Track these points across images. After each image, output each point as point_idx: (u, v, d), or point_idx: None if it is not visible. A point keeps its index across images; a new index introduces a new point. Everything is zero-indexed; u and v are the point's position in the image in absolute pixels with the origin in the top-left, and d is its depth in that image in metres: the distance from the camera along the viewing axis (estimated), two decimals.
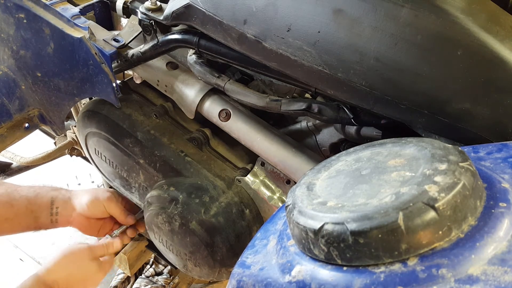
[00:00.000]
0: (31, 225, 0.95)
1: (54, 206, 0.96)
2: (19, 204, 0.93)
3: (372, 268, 0.35)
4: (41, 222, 0.95)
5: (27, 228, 0.96)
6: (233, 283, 0.46)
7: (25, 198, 0.94)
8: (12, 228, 0.94)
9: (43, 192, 0.96)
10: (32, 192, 0.95)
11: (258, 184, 0.88)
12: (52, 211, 0.96)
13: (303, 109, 0.73)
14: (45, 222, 0.96)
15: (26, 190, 0.95)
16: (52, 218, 0.96)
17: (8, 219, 0.92)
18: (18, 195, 0.94)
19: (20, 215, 0.93)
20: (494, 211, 0.36)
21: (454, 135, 0.58)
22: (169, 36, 0.83)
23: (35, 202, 0.94)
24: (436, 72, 0.55)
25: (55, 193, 0.98)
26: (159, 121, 0.97)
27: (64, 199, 0.97)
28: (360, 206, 0.37)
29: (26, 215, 0.93)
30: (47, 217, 0.95)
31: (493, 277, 0.32)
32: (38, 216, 0.95)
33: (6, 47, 0.96)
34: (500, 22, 0.55)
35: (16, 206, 0.92)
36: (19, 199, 0.93)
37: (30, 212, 0.94)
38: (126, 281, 1.64)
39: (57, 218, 0.96)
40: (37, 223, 0.95)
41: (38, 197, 0.95)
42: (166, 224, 0.91)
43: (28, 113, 1.04)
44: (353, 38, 0.58)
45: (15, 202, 0.92)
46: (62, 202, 0.97)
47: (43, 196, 0.96)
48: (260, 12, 0.65)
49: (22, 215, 0.93)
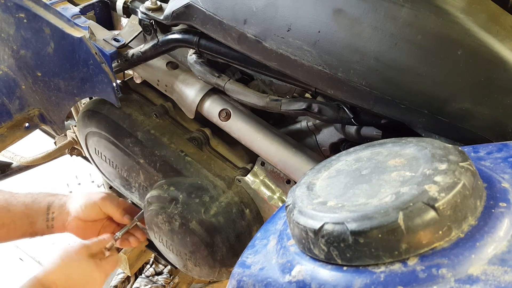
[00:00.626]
0: (27, 231, 0.95)
1: (50, 211, 0.96)
2: (16, 209, 0.93)
3: (372, 268, 0.35)
4: (37, 228, 0.96)
5: (23, 234, 0.96)
6: (233, 283, 0.46)
7: (22, 203, 0.94)
8: (8, 234, 0.94)
9: (40, 198, 0.97)
10: (29, 198, 0.96)
11: (258, 184, 0.88)
12: (48, 216, 0.96)
13: (303, 109, 0.73)
14: (41, 227, 0.96)
15: (24, 196, 0.96)
16: (48, 224, 0.96)
17: (5, 224, 0.92)
18: (15, 201, 0.94)
19: (17, 221, 0.93)
20: (494, 211, 0.36)
21: (454, 135, 0.58)
22: (169, 36, 0.83)
23: (31, 207, 0.95)
24: (436, 72, 0.55)
25: (52, 198, 0.98)
26: (159, 120, 0.97)
27: (60, 204, 0.98)
28: (360, 206, 0.37)
29: (22, 220, 0.94)
30: (43, 222, 0.96)
31: (493, 277, 0.32)
32: (34, 221, 0.95)
33: (6, 46, 0.96)
34: (500, 22, 0.55)
35: (13, 211, 0.93)
36: (16, 204, 0.94)
37: (26, 217, 0.94)
38: (126, 281, 1.65)
39: (53, 224, 0.96)
40: (33, 228, 0.95)
41: (35, 203, 0.96)
42: (166, 224, 0.91)
43: (28, 113, 1.04)
44: (353, 38, 0.58)
45: (12, 207, 0.93)
46: (58, 207, 0.97)
47: (40, 201, 0.96)
48: (260, 12, 0.65)
49: (19, 220, 0.93)
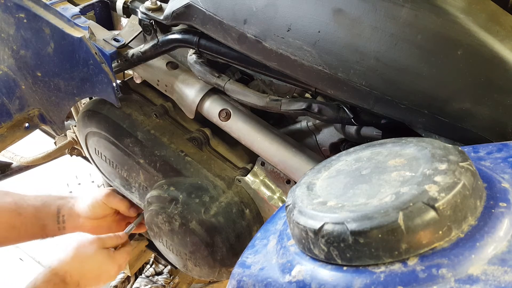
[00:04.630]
0: (38, 233, 0.98)
1: (61, 214, 0.99)
2: (27, 212, 0.95)
3: (372, 268, 0.35)
4: (48, 230, 0.98)
5: (33, 236, 0.98)
6: (233, 283, 0.46)
7: (32, 207, 0.97)
8: (19, 236, 0.97)
9: (49, 201, 0.99)
10: (40, 201, 0.98)
11: (258, 184, 0.88)
12: (59, 219, 0.99)
13: (303, 109, 0.73)
14: (52, 229, 0.98)
15: (33, 199, 0.98)
16: (59, 226, 0.99)
17: (16, 227, 0.94)
18: (26, 204, 0.96)
19: (27, 223, 0.95)
20: (494, 211, 0.36)
21: (454, 135, 0.58)
22: (169, 36, 0.83)
23: (42, 210, 0.97)
24: (436, 72, 0.55)
25: (61, 202, 1.00)
26: (159, 121, 0.97)
27: (69, 206, 1.00)
28: (360, 206, 0.37)
29: (33, 223, 0.96)
30: (54, 225, 0.98)
31: (493, 277, 0.32)
32: (45, 224, 0.97)
33: (6, 46, 0.96)
34: (500, 22, 0.55)
35: (23, 214, 0.95)
36: (26, 208, 0.96)
37: (37, 220, 0.96)
38: (126, 281, 1.65)
39: (64, 226, 0.99)
40: (44, 231, 0.98)
41: (45, 206, 0.98)
42: (166, 224, 0.91)
43: (28, 113, 1.04)
44: (353, 38, 0.58)
45: (22, 211, 0.95)
46: (68, 209, 1.00)
47: (50, 204, 0.99)
48: (260, 12, 0.65)
49: (29, 223, 0.96)
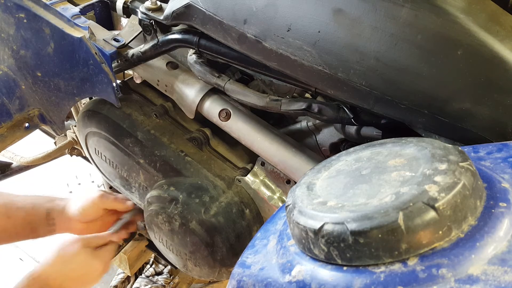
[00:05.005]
0: (29, 235, 0.97)
1: (50, 217, 0.98)
2: (16, 215, 0.95)
3: (372, 268, 0.35)
4: (39, 232, 0.98)
5: (25, 237, 0.98)
6: (233, 283, 0.46)
7: (22, 210, 0.96)
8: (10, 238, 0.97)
9: (38, 204, 0.98)
10: (29, 204, 0.97)
11: (258, 184, 0.88)
12: (49, 222, 0.98)
13: (303, 109, 0.73)
14: (43, 231, 0.98)
15: (23, 201, 0.97)
16: (49, 229, 0.98)
17: (6, 230, 0.94)
18: (15, 207, 0.95)
19: (18, 226, 0.95)
20: (494, 211, 0.36)
21: (454, 135, 0.58)
22: (169, 36, 0.83)
23: (31, 213, 0.96)
24: (436, 72, 0.55)
25: (50, 205, 0.99)
26: (159, 121, 0.97)
27: (59, 210, 0.99)
28: (360, 206, 0.37)
29: (23, 226, 0.96)
30: (44, 228, 0.98)
31: (493, 277, 0.32)
32: (35, 227, 0.97)
33: (6, 46, 0.96)
34: (500, 22, 0.55)
35: (13, 217, 0.94)
36: (16, 211, 0.95)
37: (27, 224, 0.96)
38: (126, 281, 1.65)
39: (54, 228, 0.98)
40: (35, 233, 0.97)
41: (34, 209, 0.97)
42: (166, 224, 0.91)
43: (28, 113, 1.04)
44: (353, 38, 0.58)
45: (12, 213, 0.94)
46: (58, 213, 0.98)
47: (38, 207, 0.98)
48: (260, 12, 0.65)
49: (20, 226, 0.95)
